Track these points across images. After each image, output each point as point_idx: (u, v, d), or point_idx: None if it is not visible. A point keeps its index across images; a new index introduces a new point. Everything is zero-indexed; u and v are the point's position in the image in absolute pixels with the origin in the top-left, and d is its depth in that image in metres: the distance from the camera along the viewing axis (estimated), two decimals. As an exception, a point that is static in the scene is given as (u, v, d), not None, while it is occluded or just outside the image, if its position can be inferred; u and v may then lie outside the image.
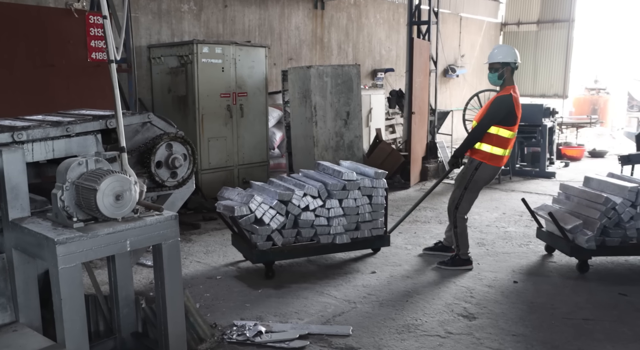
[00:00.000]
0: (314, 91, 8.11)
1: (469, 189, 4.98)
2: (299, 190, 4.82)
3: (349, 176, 4.97)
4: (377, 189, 5.06)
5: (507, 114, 4.84)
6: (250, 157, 8.39)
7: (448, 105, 13.68)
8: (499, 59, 5.03)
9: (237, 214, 4.68)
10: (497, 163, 4.99)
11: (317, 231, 4.89)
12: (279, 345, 3.58)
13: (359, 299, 4.36)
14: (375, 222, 5.12)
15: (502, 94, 4.94)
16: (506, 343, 3.64)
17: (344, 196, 4.93)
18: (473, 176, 4.94)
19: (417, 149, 8.99)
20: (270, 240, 4.74)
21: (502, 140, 4.89)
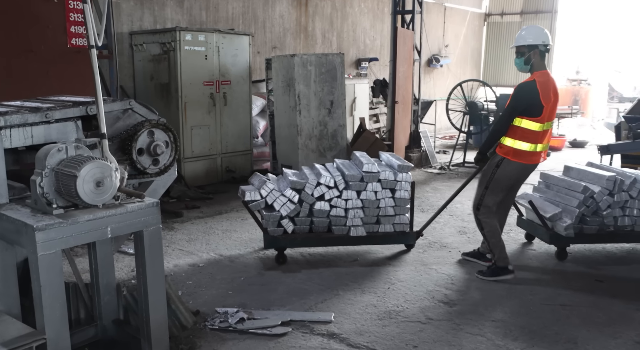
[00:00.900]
0: (297, 80, 8.10)
1: (490, 189, 4.50)
2: (314, 179, 4.76)
3: (368, 168, 4.78)
4: (401, 183, 4.82)
5: (529, 104, 4.30)
6: (234, 145, 8.37)
7: (432, 95, 13.73)
8: (529, 42, 4.40)
9: (247, 198, 4.77)
10: (525, 159, 4.43)
11: (332, 221, 4.80)
12: (261, 331, 3.60)
13: (341, 286, 4.39)
14: (399, 218, 4.89)
15: (525, 81, 4.45)
16: (485, 328, 3.70)
17: (361, 188, 4.78)
18: (494, 174, 4.46)
19: (401, 138, 9.03)
20: (281, 227, 4.76)
21: (527, 133, 4.35)
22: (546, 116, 4.36)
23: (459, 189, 5.04)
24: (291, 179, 4.78)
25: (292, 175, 4.94)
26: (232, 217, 6.40)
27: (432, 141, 10.58)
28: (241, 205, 6.81)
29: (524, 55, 4.45)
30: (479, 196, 4.59)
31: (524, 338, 3.56)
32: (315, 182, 4.73)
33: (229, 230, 5.88)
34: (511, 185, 4.61)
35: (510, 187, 4.62)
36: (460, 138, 10.15)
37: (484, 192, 4.54)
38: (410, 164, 4.92)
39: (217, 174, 8.21)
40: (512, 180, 4.56)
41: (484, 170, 4.63)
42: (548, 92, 4.34)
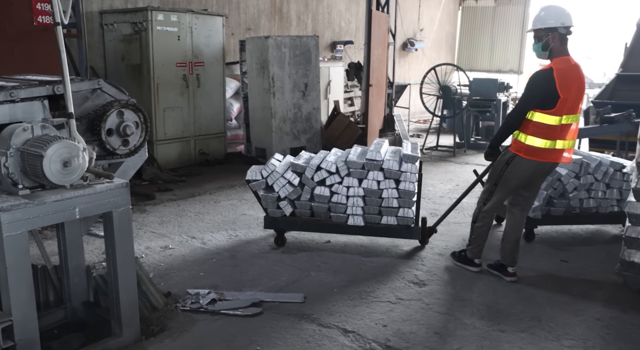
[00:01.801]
0: (272, 62, 8.05)
1: (499, 186, 4.15)
2: (315, 163, 4.67)
3: (371, 155, 4.57)
4: (406, 174, 4.53)
5: (544, 95, 3.82)
6: (207, 128, 8.31)
7: (407, 78, 13.77)
8: (548, 24, 3.90)
9: (248, 177, 4.78)
10: (539, 157, 3.96)
11: (331, 208, 4.67)
12: (232, 312, 3.62)
13: (313, 267, 4.43)
14: (403, 211, 4.58)
15: (541, 69, 3.97)
16: (453, 308, 3.78)
17: (362, 176, 4.57)
18: (504, 171, 4.09)
19: (375, 122, 9.06)
20: (280, 209, 4.74)
21: (542, 127, 3.89)
22: (564, 108, 3.84)
23: (474, 183, 4.73)
24: (292, 162, 4.74)
25: (299, 158, 4.91)
26: (205, 199, 6.37)
27: (406, 125, 10.64)
28: (214, 188, 6.85)
29: (542, 39, 3.95)
30: (487, 192, 4.25)
31: (491, 316, 3.65)
32: (316, 165, 4.64)
33: (202, 212, 5.86)
34: (523, 185, 4.14)
35: (522, 187, 4.17)
36: (433, 122, 10.23)
37: (492, 188, 4.20)
38: (416, 155, 4.58)
39: (191, 157, 8.14)
40: (523, 181, 4.09)
41: (494, 167, 4.22)
42: (567, 82, 3.82)
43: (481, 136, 10.46)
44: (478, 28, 16.64)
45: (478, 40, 16.68)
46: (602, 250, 4.93)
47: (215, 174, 7.58)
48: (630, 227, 4.00)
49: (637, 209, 3.94)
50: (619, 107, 7.32)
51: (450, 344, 3.31)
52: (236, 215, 5.78)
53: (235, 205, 6.17)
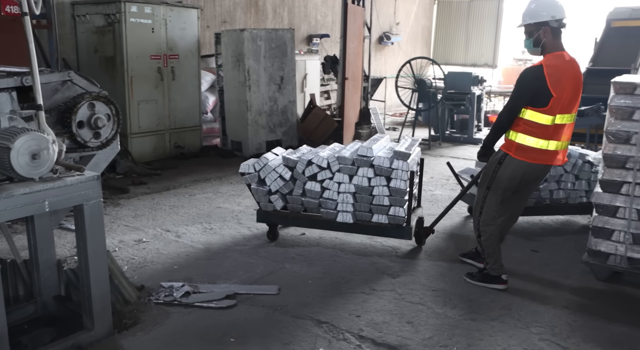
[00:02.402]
0: (247, 55, 8.03)
1: (492, 189, 3.90)
2: (307, 158, 4.60)
3: (362, 151, 4.44)
4: (397, 171, 4.35)
5: (535, 93, 3.62)
6: (183, 121, 8.25)
7: (383, 72, 13.83)
8: (539, 18, 3.71)
9: (241, 170, 4.74)
10: (530, 157, 3.75)
11: (321, 204, 4.59)
12: (206, 304, 3.62)
13: (287, 259, 4.45)
14: (394, 209, 4.43)
15: (531, 66, 3.79)
16: (426, 298, 3.83)
17: (352, 172, 4.45)
18: (496, 172, 3.86)
19: (351, 115, 9.10)
20: (272, 203, 4.71)
21: (533, 126, 3.69)
22: (558, 107, 3.64)
23: (467, 186, 4.75)
24: (284, 155, 4.70)
25: (296, 152, 4.86)
26: (179, 193, 6.34)
27: (382, 118, 10.70)
28: (189, 181, 6.81)
29: (533, 35, 3.76)
30: (480, 199, 3.98)
31: (462, 306, 3.71)
32: (307, 160, 4.57)
33: (177, 206, 5.83)
34: (514, 186, 3.92)
35: (514, 189, 3.96)
36: (409, 115, 10.30)
37: (485, 193, 3.93)
38: (408, 152, 4.39)
39: (166, 150, 8.08)
40: (515, 181, 3.87)
41: (486, 167, 4.00)
42: (560, 79, 3.61)
43: (456, 129, 10.57)
44: (453, 22, 16.77)
45: (453, 34, 16.82)
46: (571, 240, 5.04)
47: (190, 168, 7.54)
48: (597, 217, 4.10)
49: (603, 199, 4.04)
50: (588, 101, 7.44)
51: (423, 333, 3.36)
52: (211, 209, 5.76)
53: (210, 198, 6.15)
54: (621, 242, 4.02)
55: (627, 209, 3.97)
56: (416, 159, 4.75)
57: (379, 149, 4.67)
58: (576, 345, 3.25)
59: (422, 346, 3.20)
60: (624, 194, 3.98)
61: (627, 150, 3.98)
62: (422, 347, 3.19)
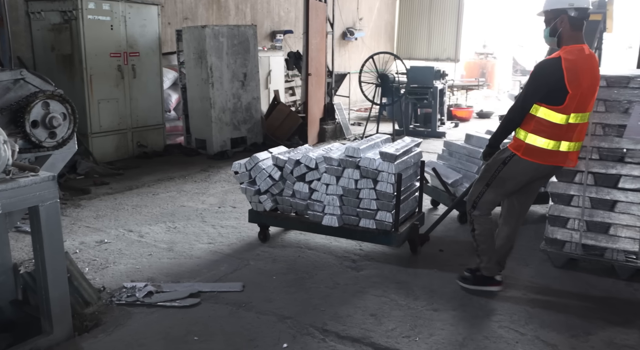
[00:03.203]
0: (209, 52, 7.96)
1: (492, 187, 3.65)
2: (295, 157, 4.45)
3: (350, 151, 4.21)
4: (383, 174, 4.09)
5: (550, 88, 3.34)
6: (145, 119, 8.13)
7: (347, 67, 13.88)
8: (556, 4, 3.45)
9: (233, 168, 4.70)
10: (539, 158, 3.48)
11: (308, 206, 4.42)
12: (169, 304, 3.59)
13: (252, 256, 4.45)
14: (380, 214, 4.18)
15: (547, 58, 3.52)
16: (389, 290, 3.88)
17: (338, 173, 4.25)
18: (499, 171, 3.59)
19: (315, 111, 9.11)
20: (262, 203, 4.60)
21: (546, 125, 3.40)
22: (573, 105, 3.37)
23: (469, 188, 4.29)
24: (274, 154, 4.59)
25: (291, 151, 4.73)
26: (143, 192, 6.26)
27: (347, 113, 10.75)
28: (153, 181, 6.73)
29: (550, 23, 3.50)
30: (476, 193, 3.73)
31: (425, 297, 3.77)
32: (295, 160, 4.42)
33: (140, 205, 5.76)
34: (518, 188, 3.68)
35: (518, 191, 3.71)
36: (373, 110, 10.38)
37: (483, 189, 3.68)
38: (395, 153, 4.06)
39: (128, 149, 7.96)
40: (520, 183, 3.64)
41: (488, 164, 3.71)
42: (577, 75, 3.33)
43: (420, 123, 10.70)
44: (416, 17, 16.94)
45: (416, 29, 16.99)
46: (530, 229, 5.16)
47: (153, 167, 7.44)
48: (553, 206, 4.22)
49: (558, 188, 4.16)
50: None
51: (386, 324, 3.40)
52: (175, 207, 5.71)
53: (174, 197, 6.09)
54: (576, 230, 4.14)
55: (580, 197, 4.10)
56: (411, 160, 4.44)
57: (371, 149, 4.42)
58: (533, 331, 3.34)
59: (385, 337, 3.25)
60: (578, 183, 4.11)
61: (580, 141, 4.10)
62: (385, 339, 3.23)
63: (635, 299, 3.79)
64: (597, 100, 3.99)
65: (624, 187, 3.98)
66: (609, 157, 4.03)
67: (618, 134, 3.98)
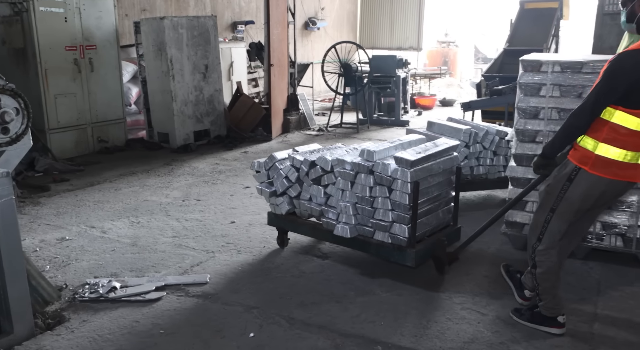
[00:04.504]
0: (169, 44, 7.85)
1: (558, 213, 3.02)
2: (311, 158, 4.05)
3: (364, 155, 3.74)
4: (397, 181, 3.59)
5: (632, 87, 2.76)
6: (105, 114, 7.98)
7: (310, 58, 13.85)
8: None
9: (252, 168, 4.40)
10: (611, 173, 2.88)
11: (323, 212, 4.02)
12: (134, 298, 3.56)
13: (218, 248, 4.43)
14: (395, 227, 3.69)
15: (627, 50, 2.88)
16: (354, 277, 3.92)
17: (350, 178, 3.79)
18: (565, 191, 2.97)
19: (278, 102, 9.08)
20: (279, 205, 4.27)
21: (622, 133, 2.83)
22: None
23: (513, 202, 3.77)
24: (290, 154, 4.21)
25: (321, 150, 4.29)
26: (104, 188, 6.15)
27: (311, 104, 10.75)
28: (115, 176, 6.62)
29: (627, 5, 3.00)
30: (541, 223, 3.11)
31: (388, 283, 3.81)
32: (310, 161, 4.03)
33: (101, 201, 5.66)
34: (587, 208, 3.04)
35: (586, 210, 3.07)
36: (337, 100, 10.40)
37: (548, 216, 3.06)
38: (409, 159, 3.56)
39: (89, 145, 7.80)
40: (589, 202, 2.99)
41: (549, 184, 3.08)
42: None
43: (383, 112, 10.78)
44: (378, 6, 16.97)
45: (378, 18, 17.03)
46: (492, 213, 5.16)
47: (115, 162, 7.32)
48: (512, 189, 4.32)
49: (517, 172, 4.26)
50: (506, 80, 7.79)
51: (351, 311, 3.44)
52: (138, 202, 5.63)
53: (137, 191, 6.01)
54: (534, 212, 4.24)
55: (538, 180, 4.20)
56: (440, 167, 3.83)
57: (396, 151, 3.83)
58: (495, 311, 3.43)
59: (351, 323, 3.29)
60: (535, 167, 4.20)
61: (536, 125, 4.21)
62: (350, 325, 3.27)
63: (590, 276, 3.92)
64: (552, 85, 4.12)
65: (578, 169, 4.09)
66: (564, 140, 4.13)
67: (572, 118, 4.09)
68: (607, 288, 3.72)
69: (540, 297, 3.20)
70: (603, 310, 3.45)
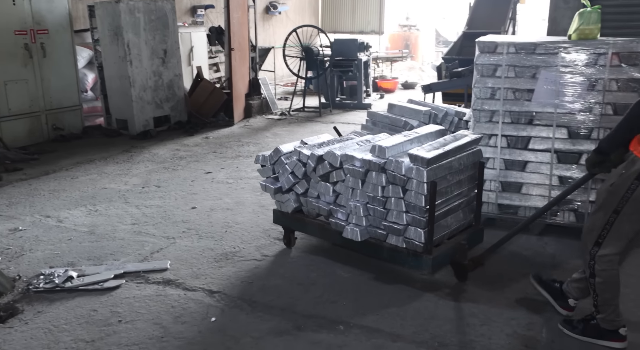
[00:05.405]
0: (125, 28, 7.65)
1: (624, 214, 2.69)
2: (319, 153, 3.68)
3: (374, 150, 3.41)
4: (412, 181, 3.24)
5: None
6: (60, 101, 7.74)
7: (272, 42, 13.70)
8: None
9: (256, 161, 4.06)
10: None
11: (331, 211, 3.70)
12: (92, 287, 3.49)
13: (178, 234, 4.37)
14: (409, 230, 3.35)
15: None
16: (317, 259, 3.91)
17: (361, 177, 3.44)
18: (634, 191, 2.64)
19: (240, 86, 8.98)
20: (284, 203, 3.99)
21: None
22: None
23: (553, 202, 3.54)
24: (296, 148, 3.84)
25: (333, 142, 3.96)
26: (60, 176, 5.99)
27: (273, 88, 10.67)
28: (71, 164, 6.46)
29: None
30: (600, 225, 2.75)
31: (353, 264, 3.82)
32: (317, 156, 3.67)
33: (57, 190, 5.51)
34: None
35: None
36: (299, 84, 10.35)
37: (611, 218, 2.72)
38: (425, 156, 3.19)
39: (43, 133, 7.57)
40: None
41: (613, 183, 2.73)
42: None
43: (346, 96, 10.78)
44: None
45: (340, 2, 16.95)
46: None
47: (72, 150, 7.13)
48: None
49: (475, 152, 4.31)
50: (465, 62, 7.87)
51: (313, 292, 3.45)
52: (96, 190, 5.51)
53: (94, 179, 5.87)
54: (492, 191, 4.33)
55: (495, 159, 4.28)
56: (459, 163, 3.48)
57: (411, 146, 3.49)
58: (453, 287, 3.49)
59: (313, 304, 3.30)
60: (492, 146, 4.28)
61: (493, 105, 4.27)
62: (312, 305, 3.28)
63: (545, 251, 4.03)
64: (507, 66, 4.18)
65: (533, 148, 4.19)
66: (520, 120, 4.22)
67: (528, 98, 4.17)
68: (562, 262, 3.83)
69: (598, 309, 2.84)
70: (557, 283, 3.55)
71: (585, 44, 3.96)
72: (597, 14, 4.01)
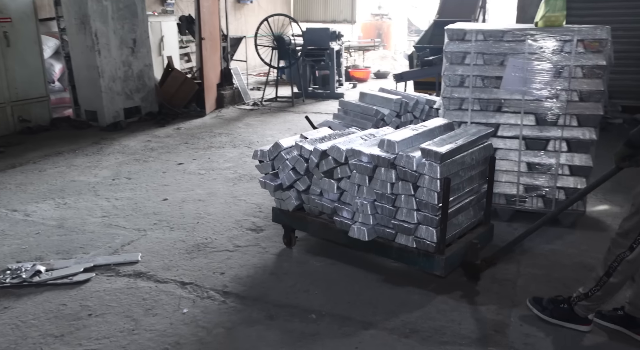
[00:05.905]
0: (92, 17, 7.50)
1: None
2: (322, 147, 3.51)
3: (383, 145, 3.23)
4: (424, 177, 3.08)
5: None
6: (25, 92, 7.57)
7: (244, 31, 13.58)
8: None
9: (255, 157, 3.89)
10: None
11: (336, 209, 3.53)
12: (61, 281, 3.43)
13: (150, 226, 4.33)
14: (420, 229, 3.20)
15: None
16: (288, 249, 3.92)
17: (369, 173, 3.28)
18: None
19: (211, 76, 8.89)
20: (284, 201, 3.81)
21: None
22: None
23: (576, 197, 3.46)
24: (297, 142, 3.67)
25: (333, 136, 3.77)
26: (27, 169, 5.86)
27: (245, 78, 10.59)
28: (39, 157, 6.35)
29: None
30: (636, 230, 2.63)
31: (325, 253, 3.83)
32: (320, 151, 3.50)
33: (24, 183, 5.39)
34: None
35: None
36: (272, 74, 10.29)
37: None
38: (439, 151, 3.02)
39: (9, 125, 7.39)
40: None
41: None
42: None
43: (318, 85, 10.76)
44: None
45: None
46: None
47: (39, 142, 6.98)
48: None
49: (445, 140, 4.35)
50: (436, 51, 7.91)
51: (285, 282, 3.46)
52: (64, 183, 5.41)
53: (63, 172, 5.76)
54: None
55: (465, 147, 4.32)
56: (472, 158, 3.34)
57: (421, 140, 3.32)
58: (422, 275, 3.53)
59: (285, 294, 3.31)
60: (462, 134, 4.32)
61: (462, 93, 4.31)
62: (285, 295, 3.29)
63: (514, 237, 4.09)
64: (476, 53, 4.21)
65: (502, 135, 4.25)
66: (488, 108, 4.27)
67: (496, 86, 4.22)
68: (530, 248, 3.90)
69: (589, 298, 2.82)
70: (526, 267, 3.62)
71: (552, 31, 4.02)
72: (562, 2, 4.08)
